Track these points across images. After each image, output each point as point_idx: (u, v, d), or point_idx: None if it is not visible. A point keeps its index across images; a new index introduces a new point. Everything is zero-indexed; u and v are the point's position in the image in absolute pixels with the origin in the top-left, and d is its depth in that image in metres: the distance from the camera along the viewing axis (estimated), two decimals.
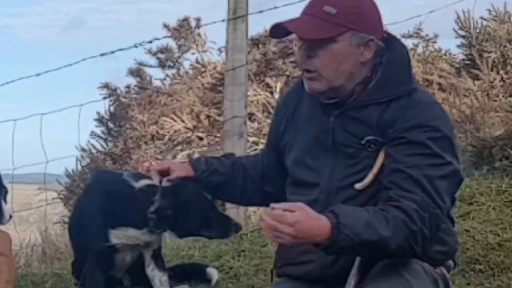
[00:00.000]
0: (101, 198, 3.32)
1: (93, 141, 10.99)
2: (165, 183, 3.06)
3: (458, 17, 8.30)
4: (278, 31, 2.54)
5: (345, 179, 2.49)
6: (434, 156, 2.39)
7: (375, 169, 2.45)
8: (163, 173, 3.02)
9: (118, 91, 11.45)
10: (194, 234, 3.30)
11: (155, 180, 3.07)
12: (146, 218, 3.18)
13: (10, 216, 3.51)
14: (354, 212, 2.32)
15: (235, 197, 2.97)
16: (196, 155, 9.16)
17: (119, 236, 3.29)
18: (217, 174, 2.89)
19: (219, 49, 10.48)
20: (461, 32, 8.32)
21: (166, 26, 11.01)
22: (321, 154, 2.54)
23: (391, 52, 2.51)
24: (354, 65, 2.47)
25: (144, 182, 3.17)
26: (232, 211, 5.08)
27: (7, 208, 3.49)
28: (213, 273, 3.85)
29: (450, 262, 2.59)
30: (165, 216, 3.14)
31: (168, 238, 3.44)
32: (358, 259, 2.44)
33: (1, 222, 3.49)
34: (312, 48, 2.47)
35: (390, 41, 2.54)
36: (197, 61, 10.92)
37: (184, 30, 10.92)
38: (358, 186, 2.47)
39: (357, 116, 2.49)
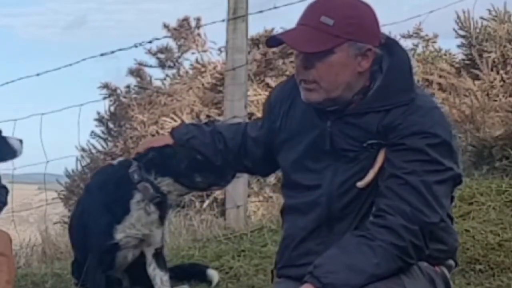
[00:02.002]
0: (98, 195, 3.36)
1: (93, 141, 10.99)
2: None
3: (458, 17, 8.29)
4: (275, 40, 2.53)
5: (347, 182, 2.48)
6: (433, 163, 2.38)
7: (376, 167, 2.45)
8: None
9: (118, 91, 11.45)
10: (189, 183, 3.22)
11: None
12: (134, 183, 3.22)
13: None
14: (333, 264, 2.32)
15: (216, 162, 2.94)
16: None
17: (125, 230, 3.30)
18: (196, 139, 2.93)
19: (219, 49, 10.48)
20: (461, 32, 8.32)
21: (166, 26, 11.01)
22: (321, 157, 2.53)
23: (391, 58, 2.48)
24: (352, 75, 2.45)
25: (119, 158, 3.38)
26: (232, 211, 5.08)
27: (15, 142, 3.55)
28: (214, 275, 3.85)
29: (451, 262, 2.58)
30: (148, 160, 3.14)
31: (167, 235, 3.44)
32: None
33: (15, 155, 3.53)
34: (309, 59, 2.45)
35: (390, 46, 2.51)
36: (197, 61, 10.91)
37: (184, 30, 10.92)
38: (359, 184, 2.46)
39: (356, 122, 2.47)
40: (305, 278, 2.34)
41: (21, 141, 3.61)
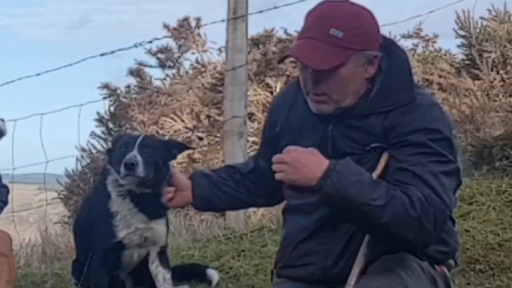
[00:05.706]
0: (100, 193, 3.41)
1: (93, 141, 11.00)
2: None
3: (458, 17, 8.31)
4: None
5: None
6: (437, 154, 2.38)
7: (378, 170, 2.44)
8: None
9: (118, 91, 11.47)
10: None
11: None
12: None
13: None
14: (356, 168, 2.31)
15: (240, 193, 2.86)
16: (196, 155, 9.16)
17: (121, 223, 3.32)
18: (213, 173, 2.86)
19: (219, 49, 10.50)
20: (461, 32, 8.34)
21: (166, 26, 11.02)
22: None
23: (390, 59, 2.47)
24: (360, 83, 2.44)
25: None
26: (232, 211, 5.07)
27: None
28: (214, 275, 3.85)
29: (451, 261, 2.58)
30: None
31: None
32: (358, 260, 2.44)
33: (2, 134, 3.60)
34: (319, 74, 2.41)
35: (388, 46, 2.50)
36: (197, 61, 10.93)
37: (184, 30, 10.93)
38: None
39: (358, 125, 2.46)
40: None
41: (2, 120, 3.62)
